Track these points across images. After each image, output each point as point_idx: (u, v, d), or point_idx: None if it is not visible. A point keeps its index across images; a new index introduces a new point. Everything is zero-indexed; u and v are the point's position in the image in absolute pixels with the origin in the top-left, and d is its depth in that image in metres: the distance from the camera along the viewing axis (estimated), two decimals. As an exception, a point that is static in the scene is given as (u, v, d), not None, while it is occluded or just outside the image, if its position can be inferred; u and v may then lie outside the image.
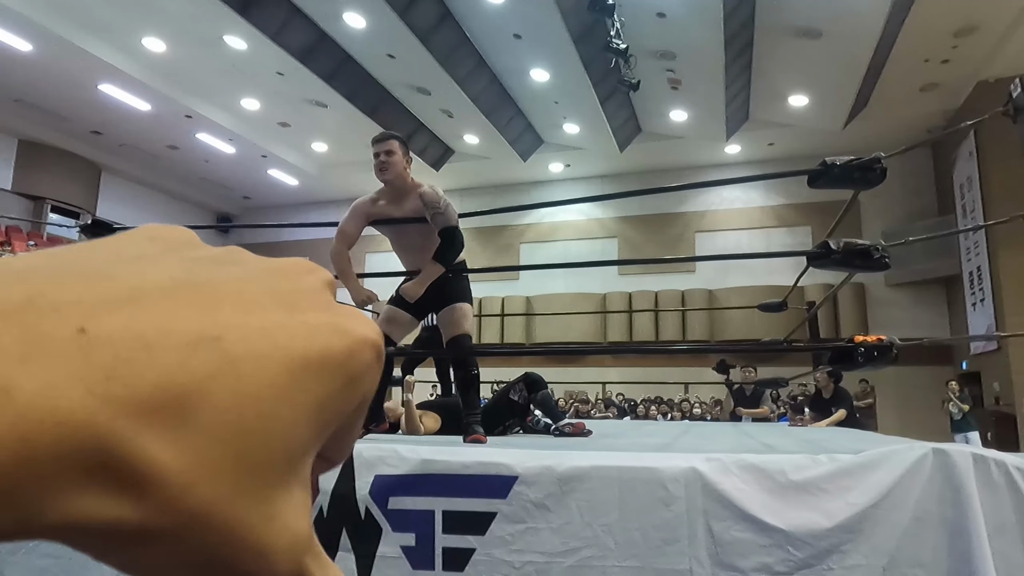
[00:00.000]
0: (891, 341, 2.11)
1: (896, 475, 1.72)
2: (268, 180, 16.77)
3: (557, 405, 4.53)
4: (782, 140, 13.97)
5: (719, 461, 1.84)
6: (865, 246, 2.12)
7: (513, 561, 1.89)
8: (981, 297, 11.61)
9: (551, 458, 1.97)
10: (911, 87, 11.81)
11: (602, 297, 15.46)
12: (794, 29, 10.34)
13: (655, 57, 11.23)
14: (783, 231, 14.88)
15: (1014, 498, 1.65)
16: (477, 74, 12.17)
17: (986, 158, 11.26)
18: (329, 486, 2.09)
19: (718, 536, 1.79)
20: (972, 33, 10.09)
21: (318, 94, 12.47)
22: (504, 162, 15.31)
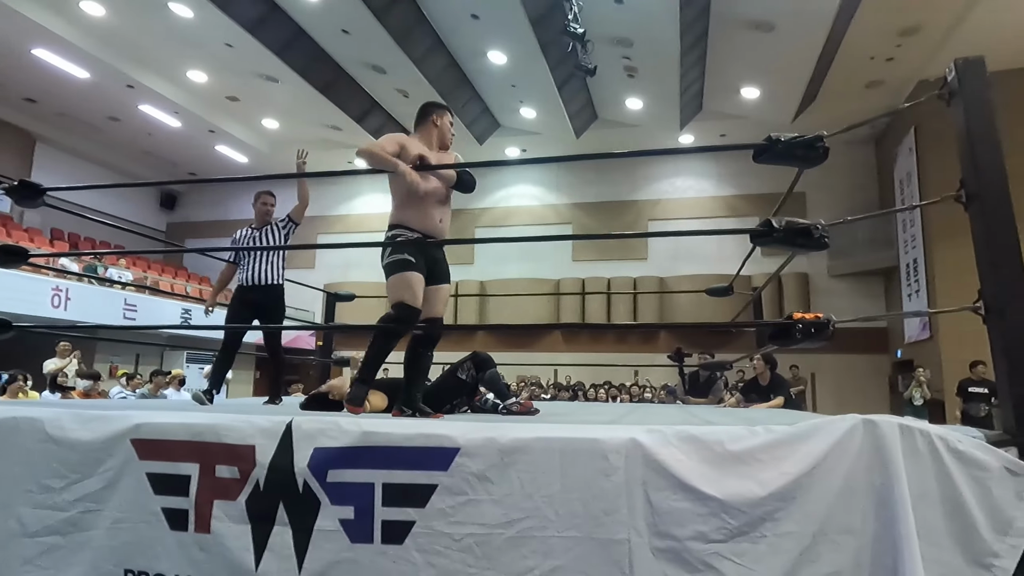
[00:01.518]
0: (828, 318, 2.17)
1: (828, 444, 1.76)
2: (216, 156, 16.23)
3: (506, 385, 4.53)
4: (734, 131, 14.23)
5: (659, 433, 1.86)
6: (806, 225, 2.17)
7: (453, 533, 1.87)
8: (917, 288, 12.11)
9: (494, 430, 1.96)
10: (857, 83, 12.16)
11: (556, 282, 15.55)
12: (748, 22, 10.50)
13: (612, 44, 11.26)
14: (733, 220, 15.19)
15: (936, 466, 1.71)
16: (434, 54, 11.99)
17: (924, 154, 11.71)
18: (267, 459, 2.03)
19: (656, 506, 1.81)
20: (915, 33, 10.43)
21: (269, 68, 12.09)
22: (460, 145, 14.93)
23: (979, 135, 1.84)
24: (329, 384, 3.68)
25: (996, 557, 1.66)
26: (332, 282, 16.16)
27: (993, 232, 1.81)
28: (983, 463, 1.71)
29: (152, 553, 2.03)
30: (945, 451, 1.72)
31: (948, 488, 1.71)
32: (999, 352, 1.80)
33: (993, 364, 1.86)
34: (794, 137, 2.20)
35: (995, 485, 1.69)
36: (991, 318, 1.83)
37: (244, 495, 2.02)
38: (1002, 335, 1.79)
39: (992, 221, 1.81)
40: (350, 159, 16.37)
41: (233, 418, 2.15)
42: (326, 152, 15.90)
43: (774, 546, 1.74)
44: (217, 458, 2.07)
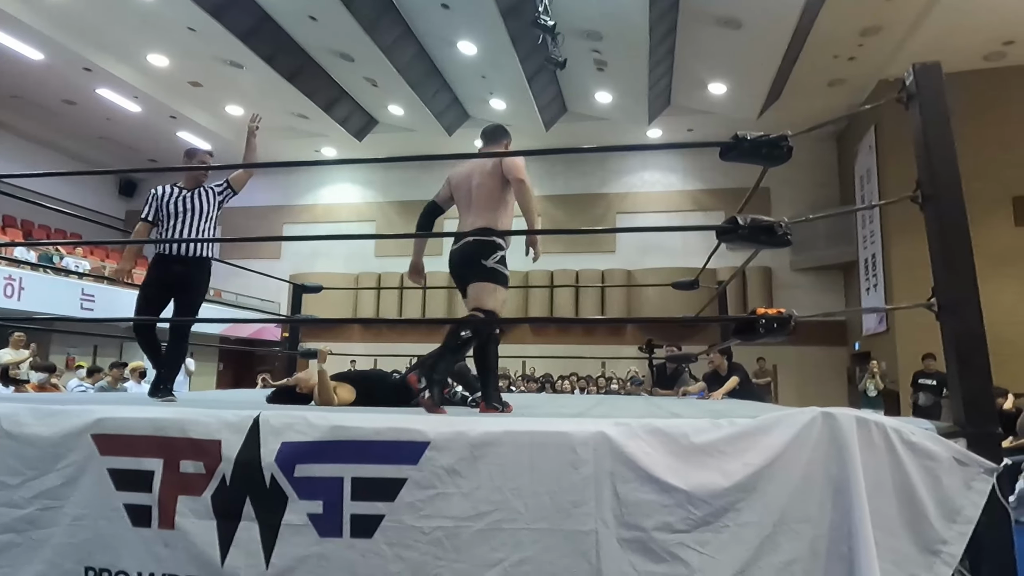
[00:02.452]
0: (790, 313, 2.23)
1: (788, 437, 1.82)
2: (177, 143, 15.79)
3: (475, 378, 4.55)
4: (701, 127, 14.40)
5: (627, 426, 1.90)
6: (770, 222, 2.22)
7: (422, 527, 1.88)
8: (875, 282, 12.46)
9: (463, 424, 1.97)
10: (820, 81, 12.40)
11: (525, 275, 15.58)
12: (715, 18, 10.62)
13: (582, 37, 11.28)
14: (699, 215, 15.41)
15: (890, 457, 1.78)
16: (403, 43, 11.86)
17: (884, 152, 12.02)
18: (233, 453, 2.01)
19: (623, 497, 1.84)
20: (876, 34, 10.68)
21: (233, 54, 11.82)
22: (429, 135, 15.07)
23: (935, 139, 1.91)
24: (296, 377, 3.64)
25: (945, 543, 1.74)
26: (298, 272, 15.96)
27: (946, 233, 1.88)
28: (934, 454, 1.78)
29: (114, 550, 2.00)
30: (899, 443, 1.79)
31: (901, 478, 1.78)
32: (950, 348, 1.88)
33: (945, 359, 1.93)
34: (760, 136, 2.25)
35: (945, 475, 1.77)
36: (943, 315, 1.90)
37: (210, 490, 2.00)
38: (953, 332, 1.86)
39: (946, 222, 1.88)
40: (317, 147, 16.15)
41: (198, 412, 2.12)
42: (293, 140, 15.65)
43: (736, 535, 1.79)
44: (181, 453, 2.04)
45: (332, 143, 15.82)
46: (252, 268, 6.48)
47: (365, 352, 10.35)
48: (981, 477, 1.76)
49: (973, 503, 1.75)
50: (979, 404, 1.83)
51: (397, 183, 17.12)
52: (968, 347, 1.83)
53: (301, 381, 3.54)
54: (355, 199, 17.54)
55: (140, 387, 8.17)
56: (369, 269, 16.63)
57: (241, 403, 3.18)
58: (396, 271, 16.39)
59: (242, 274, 8.80)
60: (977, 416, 1.83)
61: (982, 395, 1.83)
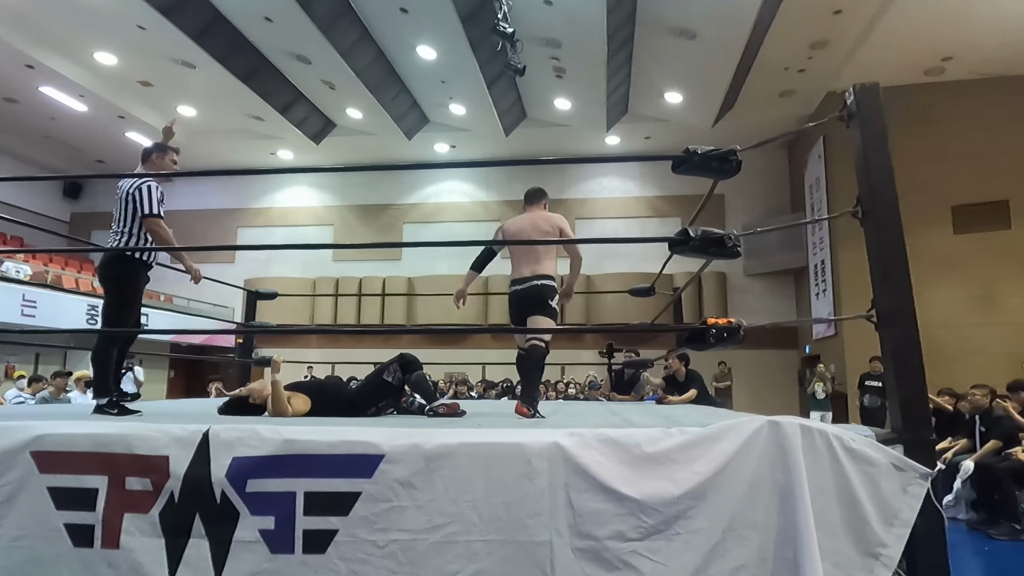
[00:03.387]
0: (739, 323, 2.29)
1: (736, 445, 1.87)
2: (126, 144, 15.32)
3: (434, 386, 4.53)
4: (658, 134, 14.66)
5: (580, 436, 1.92)
6: (720, 235, 2.28)
7: (377, 540, 1.87)
8: (824, 287, 12.85)
9: (419, 436, 1.97)
10: (772, 92, 12.75)
11: (485, 280, 15.58)
12: (671, 28, 10.83)
13: (541, 44, 11.37)
14: (656, 221, 15.66)
15: (832, 464, 1.84)
16: (361, 46, 11.76)
17: (832, 162, 12.43)
18: (182, 469, 1.97)
19: (578, 507, 1.87)
20: (824, 47, 11.04)
21: (185, 53, 11.53)
22: (388, 139, 14.96)
23: (873, 157, 1.99)
24: (249, 387, 3.57)
25: (884, 546, 1.81)
26: (253, 277, 15.65)
27: (884, 247, 1.96)
28: (873, 460, 1.85)
29: (54, 572, 1.93)
30: (841, 449, 1.86)
31: (843, 484, 1.84)
32: (888, 357, 1.96)
33: (883, 368, 2.01)
34: (710, 150, 2.31)
35: (883, 480, 1.84)
36: (882, 326, 1.98)
37: (157, 508, 1.95)
38: (891, 342, 1.94)
39: (883, 237, 1.96)
40: (272, 150, 15.86)
41: (144, 427, 2.07)
42: (248, 142, 15.34)
43: (687, 542, 1.83)
44: (127, 470, 1.99)
45: (288, 146, 15.56)
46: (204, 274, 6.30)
47: (322, 359, 10.21)
48: (917, 482, 1.84)
49: (910, 507, 1.82)
50: (915, 412, 1.91)
51: (356, 187, 16.94)
52: (905, 357, 1.91)
53: (254, 391, 3.47)
54: (312, 202, 17.27)
55: (85, 398, 7.88)
56: (326, 274, 16.40)
57: (192, 415, 3.11)
58: (354, 276, 16.21)
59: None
60: (913, 423, 1.91)
61: (918, 403, 1.91)
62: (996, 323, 11.08)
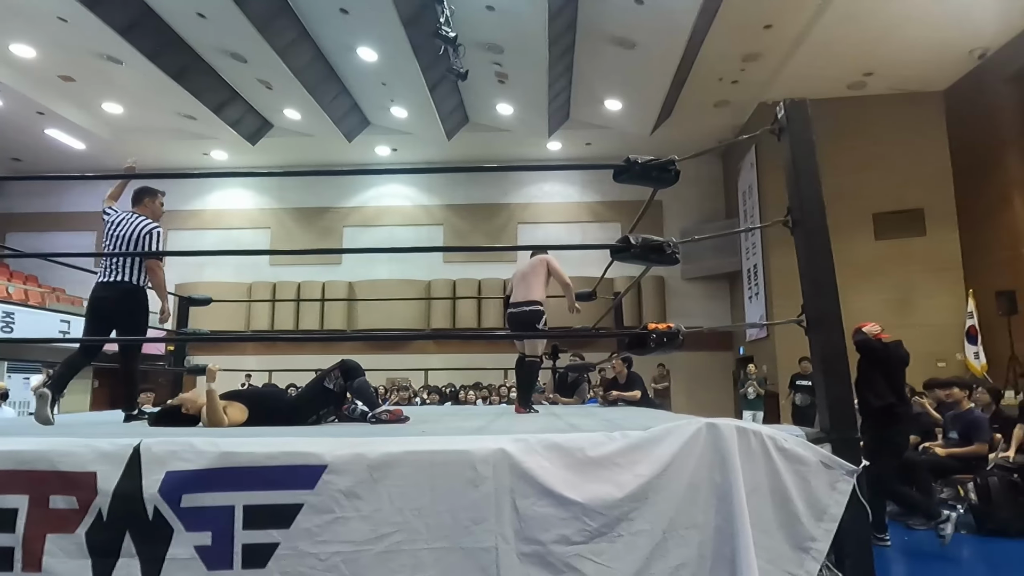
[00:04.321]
0: (678, 328, 2.35)
1: (676, 447, 1.92)
2: (46, 142, 14.54)
3: (376, 392, 4.47)
4: (598, 141, 14.91)
5: (525, 442, 1.94)
6: (659, 242, 2.34)
7: (319, 553, 1.84)
8: (756, 291, 13.34)
9: (363, 445, 1.94)
10: (707, 102, 13.17)
11: (426, 284, 15.48)
12: (611, 37, 11.05)
13: (484, 49, 11.40)
14: (596, 226, 15.91)
15: (766, 463, 1.92)
16: (300, 46, 11.51)
17: (763, 170, 12.93)
18: (110, 486, 1.88)
19: (523, 512, 1.88)
20: (756, 60, 11.49)
21: (111, 48, 11.02)
22: (328, 141, 14.68)
23: (803, 169, 2.09)
24: (181, 397, 3.44)
25: (813, 540, 1.90)
26: (185, 282, 15.05)
27: (813, 255, 2.06)
28: (804, 459, 1.94)
29: (-31, 599, 1.81)
30: (774, 449, 1.94)
31: (776, 482, 1.92)
32: (817, 361, 2.06)
33: (812, 371, 2.11)
34: (649, 160, 2.37)
35: (813, 478, 1.93)
36: (811, 330, 2.08)
37: (84, 527, 1.86)
38: (820, 346, 2.04)
39: (812, 245, 2.06)
40: (206, 150, 15.34)
41: (69, 442, 1.97)
42: (179, 142, 14.78)
43: (629, 544, 1.87)
44: (51, 488, 1.89)
45: (223, 146, 15.07)
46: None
47: (259, 367, 9.92)
48: (844, 478, 1.93)
49: (837, 502, 1.92)
50: (842, 411, 2.01)
51: (294, 189, 16.55)
52: (832, 360, 2.01)
53: (187, 401, 3.35)
54: (248, 205, 16.76)
55: (1, 410, 7.43)
56: (263, 279, 15.94)
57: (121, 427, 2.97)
58: (292, 280, 15.82)
59: (121, 285, 8.20)
60: (840, 422, 2.01)
61: (844, 403, 2.02)
62: (913, 325, 11.73)
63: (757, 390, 10.82)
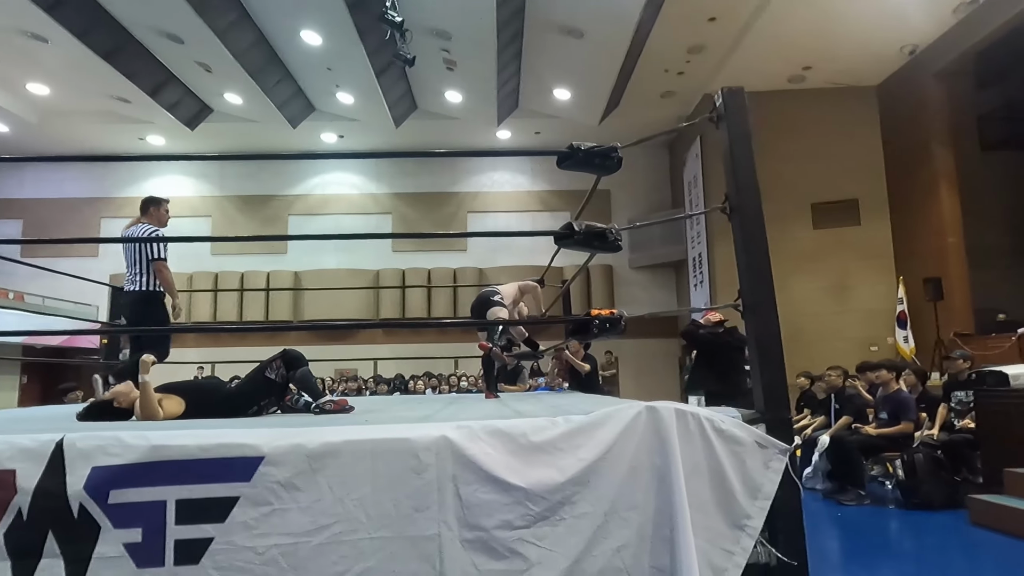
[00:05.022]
0: (621, 314, 2.38)
1: (617, 431, 1.95)
2: (-35, 123, 13.70)
3: (319, 382, 4.39)
4: (547, 130, 14.94)
5: (468, 428, 1.93)
6: (602, 229, 2.36)
7: (256, 546, 1.79)
8: (701, 279, 13.65)
9: (301, 435, 1.90)
10: (654, 93, 13.35)
11: (375, 273, 15.27)
12: (559, 26, 11.06)
13: (431, 35, 11.25)
14: (546, 215, 15.98)
15: (704, 445, 1.96)
16: (241, 27, 11.13)
17: (708, 160, 13.20)
18: (31, 484, 1.79)
19: (466, 499, 1.88)
20: (701, 52, 11.69)
21: (35, 25, 10.43)
22: (271, 127, 14.28)
23: (739, 156, 2.13)
24: (113, 391, 3.30)
25: (749, 518, 1.96)
26: (120, 272, 14.43)
27: (749, 240, 2.11)
28: (740, 439, 1.99)
29: None
30: (711, 430, 1.99)
31: (713, 462, 1.97)
32: (752, 344, 2.11)
33: (747, 354, 2.17)
34: (592, 147, 2.38)
35: (748, 457, 1.99)
36: (747, 314, 2.13)
37: (2, 528, 1.77)
38: (755, 329, 2.09)
39: (748, 231, 2.11)
40: (141, 135, 14.72)
41: (-14, 439, 1.86)
42: (113, 126, 14.14)
43: (571, 527, 1.89)
44: (-35, 487, 1.78)
45: (159, 131, 14.48)
46: (62, 269, 5.74)
47: (200, 359, 9.62)
48: (777, 457, 2.00)
49: (771, 480, 1.98)
50: (776, 393, 2.07)
51: (235, 176, 16.05)
52: (767, 343, 2.06)
53: (119, 395, 3.22)
54: (188, 192, 16.17)
55: (-84, 408, 6.99)
56: (205, 268, 15.43)
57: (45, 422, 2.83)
58: (235, 270, 15.39)
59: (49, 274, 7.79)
60: (774, 403, 2.07)
61: (778, 385, 2.08)
62: (848, 311, 12.24)
63: None
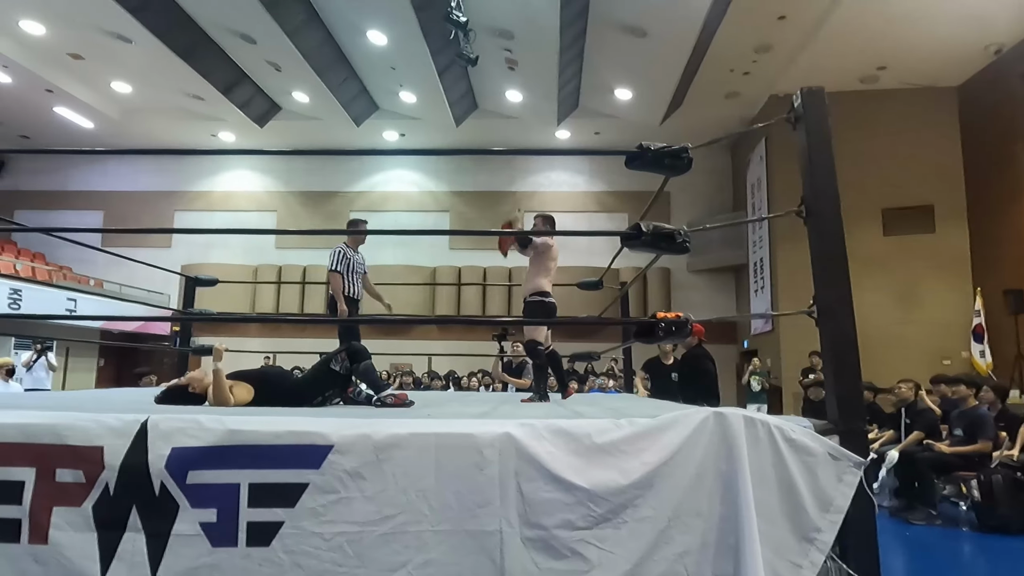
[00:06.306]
0: (687, 317, 2.34)
1: (683, 436, 1.91)
2: (55, 119, 14.53)
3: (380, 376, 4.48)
4: (607, 130, 14.82)
5: (531, 426, 1.93)
6: (670, 230, 2.32)
7: (323, 532, 1.84)
8: (762, 285, 13.29)
9: (368, 426, 1.94)
10: (718, 93, 13.07)
11: (432, 270, 15.47)
12: (623, 26, 10.95)
13: (494, 35, 11.32)
14: (603, 216, 15.86)
15: (773, 453, 1.91)
16: (309, 28, 11.45)
17: (773, 163, 12.84)
18: (117, 461, 1.89)
19: (528, 497, 1.88)
20: (768, 51, 11.38)
21: (121, 26, 10.98)
22: (336, 125, 14.64)
23: (818, 159, 2.06)
24: (189, 376, 3.45)
25: (819, 531, 1.89)
26: (191, 263, 15.10)
27: (826, 245, 2.04)
28: (811, 450, 1.93)
29: (-25, 569, 1.83)
30: (781, 440, 1.93)
31: (783, 472, 1.91)
32: (827, 353, 2.04)
33: (822, 363, 2.10)
34: (663, 147, 2.35)
35: (820, 469, 1.92)
36: (822, 322, 2.06)
37: (91, 500, 1.87)
38: (831, 337, 2.02)
39: (826, 236, 2.04)
40: (214, 131, 15.32)
41: (76, 417, 1.97)
42: (187, 122, 14.76)
43: (633, 531, 1.87)
44: (58, 461, 1.89)
45: (231, 128, 15.04)
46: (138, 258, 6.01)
47: (262, 348, 9.95)
48: (851, 470, 1.92)
49: (843, 494, 1.91)
50: (850, 403, 2.00)
51: (301, 172, 16.53)
52: (842, 351, 1.99)
53: (194, 380, 3.36)
54: (255, 187, 16.76)
55: (7, 386, 7.48)
56: (269, 261, 15.96)
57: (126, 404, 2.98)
58: (297, 264, 15.84)
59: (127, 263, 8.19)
60: (848, 414, 2.00)
61: (853, 395, 2.00)
62: (917, 321, 11.70)
63: (762, 383, 10.86)
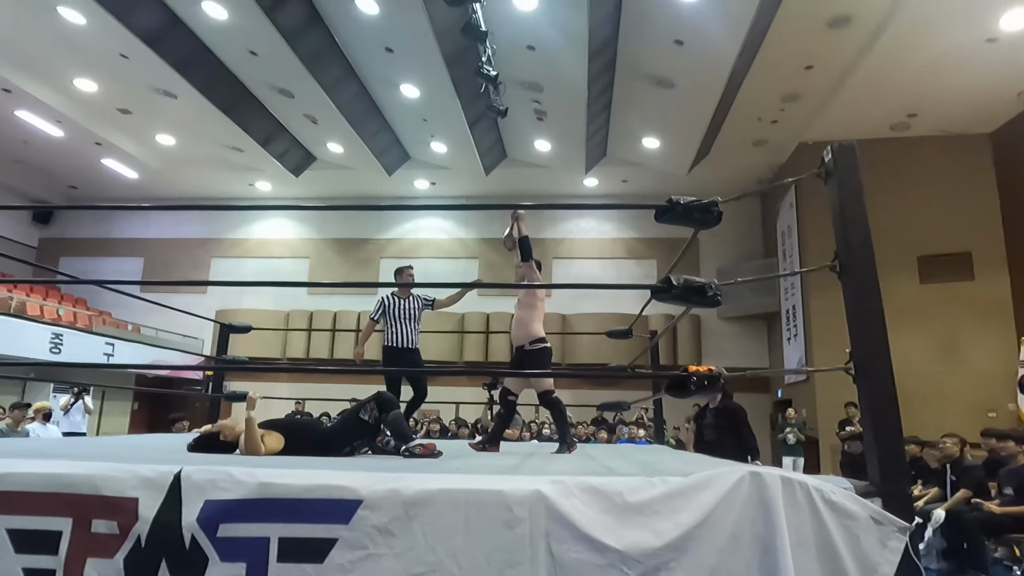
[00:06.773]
0: (719, 372, 2.30)
1: (718, 496, 1.86)
2: (101, 170, 15.19)
3: (408, 426, 4.47)
4: (635, 178, 14.94)
5: (562, 484, 1.90)
6: (701, 284, 2.31)
7: (352, 590, 1.81)
8: (795, 332, 13.05)
9: (398, 481, 1.93)
10: (746, 141, 13.13)
11: (460, 317, 15.53)
12: (650, 77, 11.15)
13: (523, 87, 11.60)
14: (632, 262, 15.85)
15: (812, 516, 1.85)
16: (345, 82, 11.88)
17: (803, 210, 12.77)
18: (151, 513, 1.90)
19: (558, 557, 1.84)
20: (796, 100, 11.44)
21: (167, 83, 11.53)
22: (368, 174, 15.01)
23: (851, 214, 2.05)
24: (220, 424, 3.49)
25: (863, 600, 1.81)
26: (225, 308, 15.40)
27: (862, 301, 2.01)
28: (853, 513, 1.86)
29: (9, 620, 1.84)
30: (820, 502, 1.87)
31: (823, 536, 1.84)
32: (866, 410, 1.99)
33: (861, 421, 2.04)
34: (692, 201, 2.36)
35: (863, 533, 1.85)
36: (860, 378, 2.01)
37: (123, 552, 1.87)
38: (869, 394, 1.97)
39: (861, 291, 2.01)
40: (251, 181, 15.81)
41: (112, 467, 2.00)
42: (226, 173, 15.28)
43: (668, 595, 1.80)
44: (93, 512, 1.91)
45: (267, 177, 15.53)
46: (174, 304, 6.17)
47: (291, 394, 10.02)
48: (896, 536, 1.85)
49: (888, 561, 1.83)
50: (893, 464, 1.93)
51: (333, 220, 16.90)
52: (882, 410, 1.94)
53: (226, 428, 3.40)
54: (289, 235, 17.17)
55: (45, 429, 7.62)
56: (301, 307, 16.22)
57: (160, 452, 3.01)
58: (328, 310, 16.05)
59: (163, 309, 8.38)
60: (890, 475, 1.93)
61: (896, 456, 1.94)
62: (958, 372, 11.33)
63: (797, 435, 10.52)
